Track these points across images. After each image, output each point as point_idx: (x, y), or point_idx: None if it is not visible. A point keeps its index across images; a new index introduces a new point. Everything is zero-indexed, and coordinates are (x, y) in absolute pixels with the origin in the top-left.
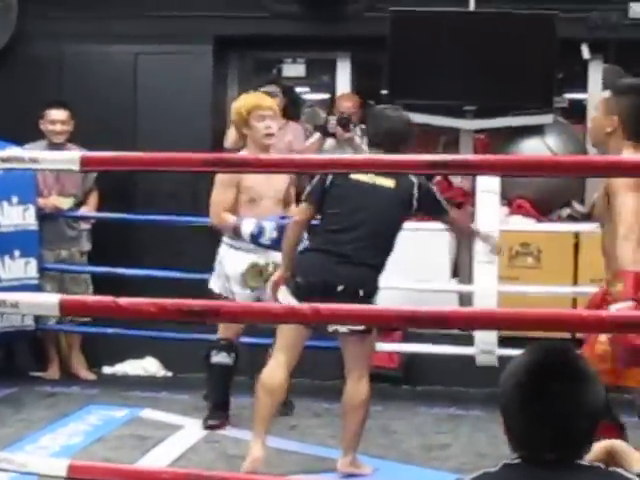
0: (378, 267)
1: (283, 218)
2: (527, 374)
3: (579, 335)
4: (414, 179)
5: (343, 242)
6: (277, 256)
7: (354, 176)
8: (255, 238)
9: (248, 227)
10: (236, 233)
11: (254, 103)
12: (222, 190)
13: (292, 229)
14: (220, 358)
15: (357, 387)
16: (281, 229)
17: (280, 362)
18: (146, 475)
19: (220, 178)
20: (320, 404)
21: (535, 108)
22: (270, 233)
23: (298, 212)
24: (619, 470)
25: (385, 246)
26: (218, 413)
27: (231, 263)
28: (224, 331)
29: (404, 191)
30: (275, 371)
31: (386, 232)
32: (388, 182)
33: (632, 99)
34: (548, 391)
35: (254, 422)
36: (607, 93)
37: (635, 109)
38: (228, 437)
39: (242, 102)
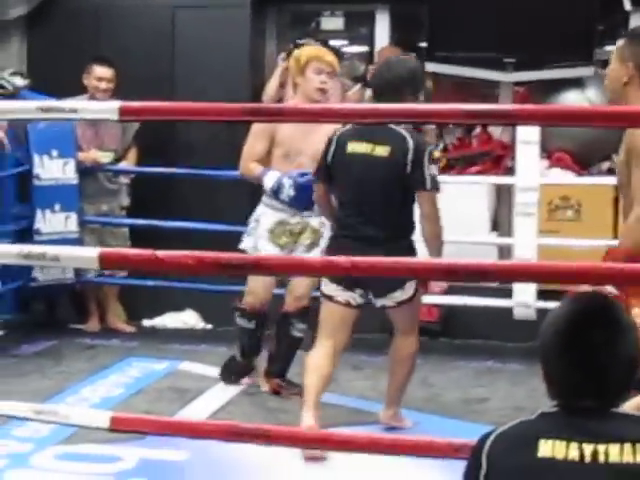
0: (383, 241)
1: (303, 175)
2: (567, 323)
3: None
4: (410, 144)
5: (353, 222)
6: (311, 217)
7: (351, 148)
8: (275, 193)
9: (270, 180)
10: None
11: (315, 54)
12: (254, 140)
13: (318, 204)
14: (242, 322)
15: (405, 341)
16: (300, 187)
17: (325, 347)
18: (187, 427)
19: (254, 128)
20: (359, 357)
21: (575, 60)
22: (288, 190)
23: (316, 189)
24: None
25: (387, 219)
26: (235, 370)
27: (263, 221)
28: (249, 298)
29: (399, 158)
30: (320, 359)
31: (385, 205)
32: (383, 151)
33: None
34: (587, 340)
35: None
36: (621, 41)
37: None
38: (263, 392)
39: (303, 50)
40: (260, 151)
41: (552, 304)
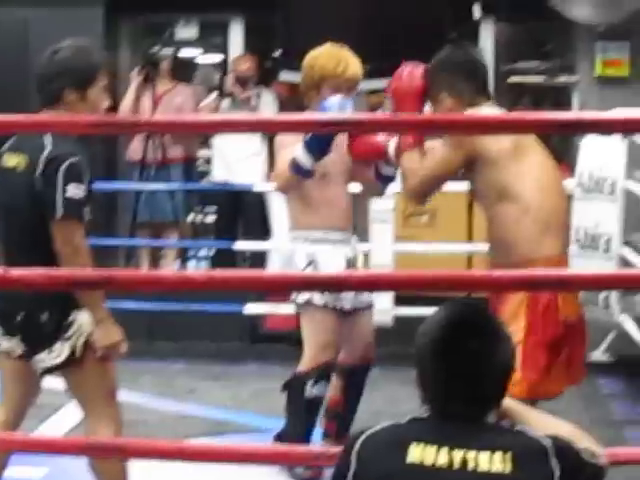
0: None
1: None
2: (441, 330)
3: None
4: (45, 154)
5: None
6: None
7: (3, 161)
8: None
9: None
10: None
11: (332, 70)
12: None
13: None
14: (318, 390)
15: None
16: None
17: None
18: (44, 443)
19: (287, 140)
20: (218, 367)
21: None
22: None
23: None
24: (523, 428)
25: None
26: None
27: (325, 262)
28: (323, 353)
29: (30, 173)
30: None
31: (28, 241)
32: (21, 164)
33: (444, 71)
34: (461, 348)
35: None
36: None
37: (451, 79)
38: (125, 402)
39: (318, 60)
40: None
41: (408, 310)
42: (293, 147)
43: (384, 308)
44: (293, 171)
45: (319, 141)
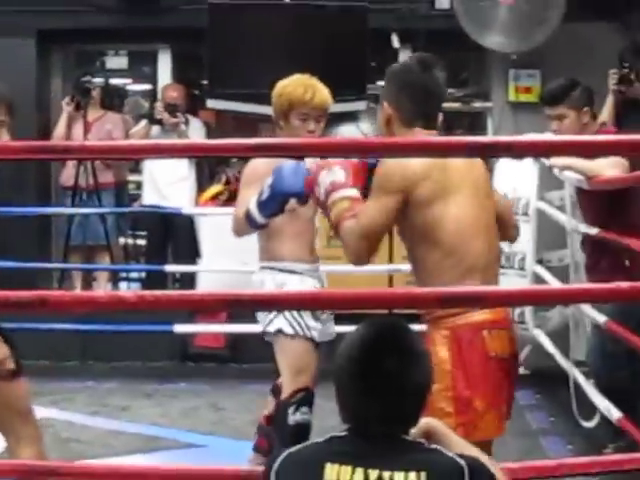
0: None
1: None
2: (360, 349)
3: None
4: None
5: None
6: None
7: None
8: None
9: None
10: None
11: (299, 98)
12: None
13: None
14: (300, 416)
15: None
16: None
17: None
18: None
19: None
20: (150, 385)
21: (349, 95)
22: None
23: None
24: (440, 448)
25: None
26: None
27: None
28: (298, 379)
29: None
30: None
31: None
32: None
33: (394, 83)
34: (379, 367)
35: None
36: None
37: (398, 94)
38: (59, 420)
39: (285, 88)
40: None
41: (345, 327)
42: (256, 186)
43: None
44: (247, 221)
45: (270, 205)
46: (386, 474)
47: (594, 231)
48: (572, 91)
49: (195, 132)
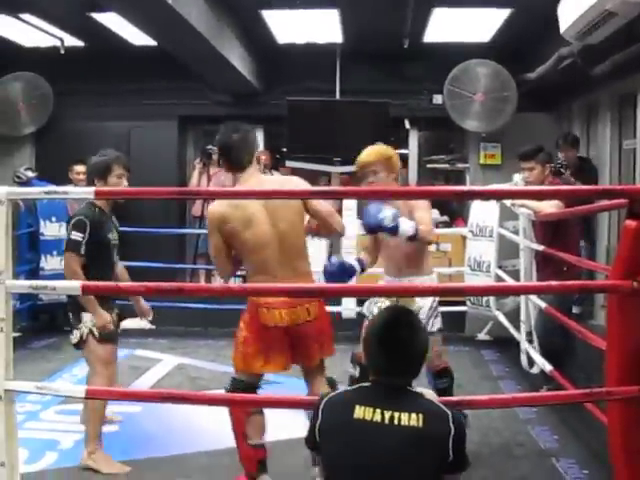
0: None
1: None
2: (383, 325)
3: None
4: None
5: None
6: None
7: None
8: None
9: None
10: None
11: (358, 162)
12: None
13: None
14: (353, 370)
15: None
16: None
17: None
18: (137, 394)
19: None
20: None
21: None
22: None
23: None
24: (432, 399)
25: None
26: None
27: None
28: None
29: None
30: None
31: None
32: None
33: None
34: (396, 336)
35: None
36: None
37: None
38: (189, 365)
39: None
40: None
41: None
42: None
43: (349, 307)
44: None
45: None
46: (396, 414)
47: (542, 248)
48: (539, 152)
49: None
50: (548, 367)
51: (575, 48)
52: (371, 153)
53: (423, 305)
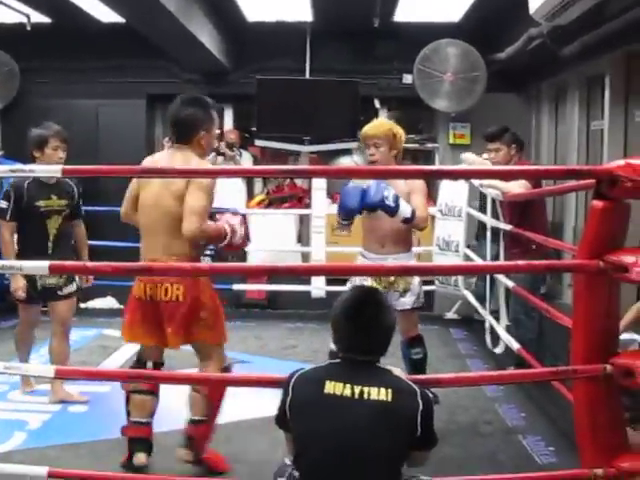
0: None
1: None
2: (351, 302)
3: None
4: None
5: None
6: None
7: None
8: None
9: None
10: None
11: (363, 133)
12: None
13: None
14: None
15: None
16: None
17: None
18: (105, 373)
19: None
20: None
21: (346, 138)
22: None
23: None
24: (400, 375)
25: None
26: None
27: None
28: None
29: None
30: None
31: None
32: None
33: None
34: (364, 313)
35: None
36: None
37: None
38: None
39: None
40: None
41: (334, 288)
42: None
43: (319, 286)
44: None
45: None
46: (366, 388)
47: (510, 227)
48: (505, 133)
49: (246, 161)
50: (515, 345)
51: (544, 29)
52: (378, 126)
53: (412, 281)
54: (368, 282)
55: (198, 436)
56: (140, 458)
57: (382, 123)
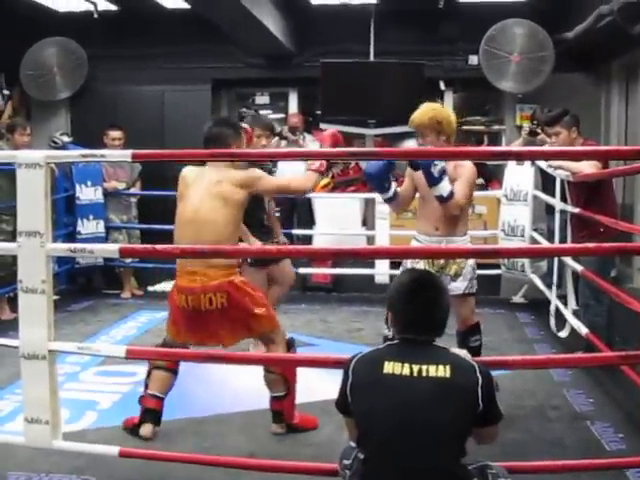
0: None
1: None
2: (409, 285)
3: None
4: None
5: None
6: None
7: None
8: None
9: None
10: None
11: (409, 122)
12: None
13: None
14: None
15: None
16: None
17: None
18: (176, 353)
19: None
20: (285, 306)
21: None
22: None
23: None
24: (458, 352)
25: None
26: None
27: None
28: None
29: None
30: None
31: None
32: None
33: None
34: (420, 295)
35: None
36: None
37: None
38: None
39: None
40: None
41: (397, 271)
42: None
43: (382, 271)
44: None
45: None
46: (424, 366)
47: (577, 210)
48: (564, 116)
49: (309, 144)
50: (584, 330)
51: (615, 6)
52: (421, 116)
53: (465, 265)
54: (420, 265)
55: (284, 408)
56: (147, 428)
57: (425, 111)
